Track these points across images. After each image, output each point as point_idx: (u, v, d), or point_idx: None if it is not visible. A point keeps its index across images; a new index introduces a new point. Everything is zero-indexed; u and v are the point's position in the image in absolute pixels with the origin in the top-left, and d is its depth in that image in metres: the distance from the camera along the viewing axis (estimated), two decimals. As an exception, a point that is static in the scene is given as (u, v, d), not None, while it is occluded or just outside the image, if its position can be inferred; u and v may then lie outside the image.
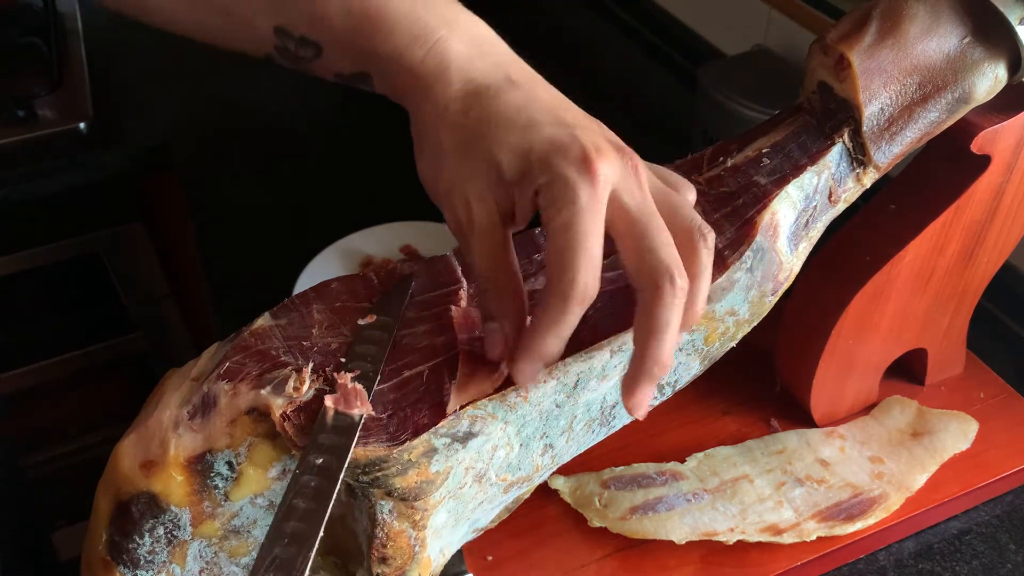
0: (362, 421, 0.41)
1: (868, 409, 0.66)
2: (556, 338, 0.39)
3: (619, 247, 0.40)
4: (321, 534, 0.37)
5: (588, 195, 0.38)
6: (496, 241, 0.40)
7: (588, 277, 0.38)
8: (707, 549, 0.57)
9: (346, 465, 0.39)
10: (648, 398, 0.40)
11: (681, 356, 0.48)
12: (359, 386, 0.42)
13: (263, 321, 0.45)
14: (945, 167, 0.56)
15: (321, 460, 0.39)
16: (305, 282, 0.79)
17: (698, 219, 0.41)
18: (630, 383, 0.39)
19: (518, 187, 0.40)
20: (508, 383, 0.43)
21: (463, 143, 0.41)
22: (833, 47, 0.49)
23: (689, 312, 0.40)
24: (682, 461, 0.61)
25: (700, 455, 0.61)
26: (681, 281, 0.38)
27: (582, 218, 0.37)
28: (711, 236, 0.40)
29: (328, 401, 0.41)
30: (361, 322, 0.45)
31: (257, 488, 0.42)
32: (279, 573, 0.35)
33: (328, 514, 0.37)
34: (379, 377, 0.43)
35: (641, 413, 0.40)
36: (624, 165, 0.39)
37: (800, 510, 0.58)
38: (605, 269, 0.48)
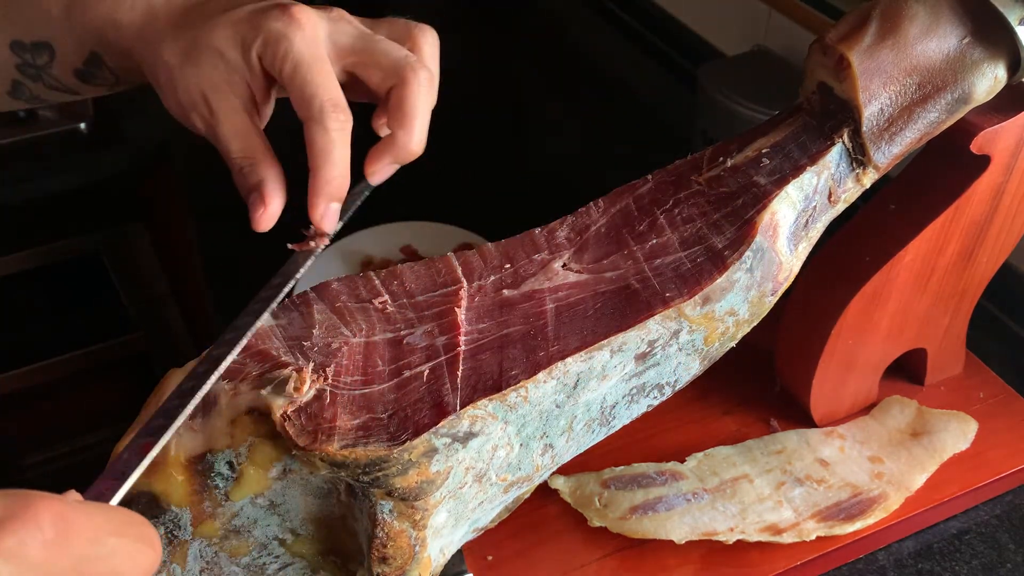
0: (316, 253, 0.46)
1: (868, 409, 0.66)
2: (332, 165, 0.43)
3: (360, 74, 0.45)
4: (250, 333, 0.41)
5: (300, 35, 0.42)
6: (240, 122, 0.44)
7: (331, 92, 0.43)
8: (707, 549, 0.57)
9: (292, 283, 0.44)
10: (388, 174, 0.47)
11: (681, 356, 0.48)
12: (323, 238, 0.46)
13: (263, 321, 0.45)
14: (945, 167, 0.56)
15: (276, 280, 0.44)
16: (305, 282, 0.78)
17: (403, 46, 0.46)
18: (378, 154, 0.45)
19: (245, 63, 0.44)
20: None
21: (185, 53, 0.45)
22: (833, 47, 0.49)
23: (434, 96, 0.46)
24: (682, 461, 0.61)
25: (700, 455, 0.61)
26: (423, 69, 0.44)
27: (304, 51, 0.42)
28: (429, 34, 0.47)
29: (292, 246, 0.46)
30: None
31: (258, 488, 0.42)
32: (208, 364, 0.40)
33: (262, 319, 0.42)
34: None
35: (376, 180, 0.47)
36: (327, 11, 0.45)
37: (800, 510, 0.58)
38: (604, 269, 0.48)
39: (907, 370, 0.68)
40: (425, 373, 0.44)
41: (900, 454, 0.61)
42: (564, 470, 0.59)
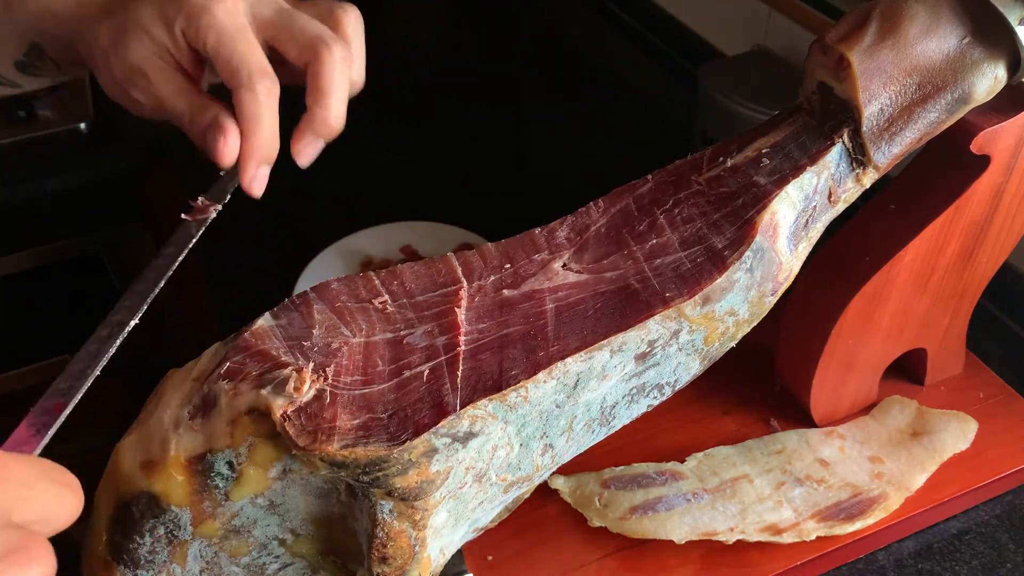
0: (208, 220, 0.47)
1: (868, 409, 0.66)
2: (262, 129, 0.45)
3: (279, 48, 0.46)
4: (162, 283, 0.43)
5: (221, 7, 0.44)
6: (179, 81, 0.46)
7: (257, 58, 0.44)
8: (707, 549, 0.57)
9: (187, 249, 0.45)
10: (314, 154, 0.48)
11: (681, 356, 0.48)
12: (214, 207, 0.47)
13: (263, 321, 0.45)
14: (945, 167, 0.56)
15: (171, 249, 0.46)
16: (305, 282, 0.79)
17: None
18: (299, 134, 0.47)
19: (170, 39, 0.45)
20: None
21: (115, 34, 0.46)
22: (833, 47, 0.49)
23: (355, 71, 0.47)
24: (682, 461, 0.61)
25: (700, 455, 0.61)
26: (338, 45, 0.45)
27: (225, 22, 0.43)
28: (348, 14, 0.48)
29: (185, 216, 0.48)
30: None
31: (258, 488, 0.42)
32: (111, 328, 0.41)
33: (159, 286, 0.43)
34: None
35: (303, 162, 0.48)
36: None
37: (800, 510, 0.58)
38: (605, 269, 0.48)
39: (907, 370, 0.68)
40: (425, 373, 0.44)
41: (900, 454, 0.61)
42: (564, 470, 0.59)
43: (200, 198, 0.46)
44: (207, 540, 0.43)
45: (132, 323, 0.41)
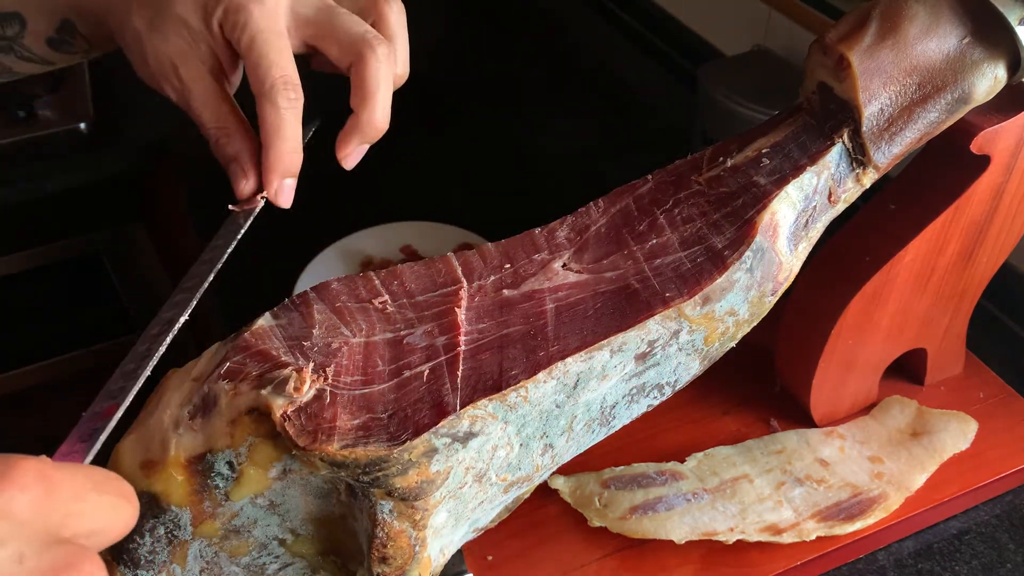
0: (256, 211, 0.46)
1: (868, 409, 0.66)
2: (282, 140, 0.44)
3: (320, 47, 0.45)
4: (205, 286, 0.43)
5: (259, 7, 0.43)
6: (210, 90, 0.45)
7: (284, 69, 0.43)
8: (707, 549, 0.57)
9: (236, 240, 0.44)
10: (359, 156, 0.47)
11: (681, 356, 0.48)
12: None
13: (263, 321, 0.45)
14: (945, 167, 0.56)
15: (220, 241, 0.45)
16: (305, 282, 0.79)
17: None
18: (346, 138, 0.46)
19: (207, 31, 0.44)
20: None
21: (152, 21, 0.45)
22: (833, 47, 0.49)
23: (400, 65, 0.47)
24: (682, 461, 0.61)
25: (700, 455, 0.61)
26: (381, 45, 0.44)
27: (261, 25, 0.43)
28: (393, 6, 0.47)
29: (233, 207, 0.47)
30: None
31: (258, 488, 0.42)
32: (161, 326, 0.41)
33: (207, 281, 0.43)
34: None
35: (349, 164, 0.47)
36: None
37: (800, 510, 0.58)
38: (604, 269, 0.48)
39: (907, 370, 0.68)
40: (425, 373, 0.44)
41: (900, 454, 0.61)
42: (564, 470, 0.59)
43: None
44: (207, 540, 0.43)
45: (182, 319, 0.40)
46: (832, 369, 0.62)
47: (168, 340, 0.39)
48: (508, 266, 0.49)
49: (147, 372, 0.38)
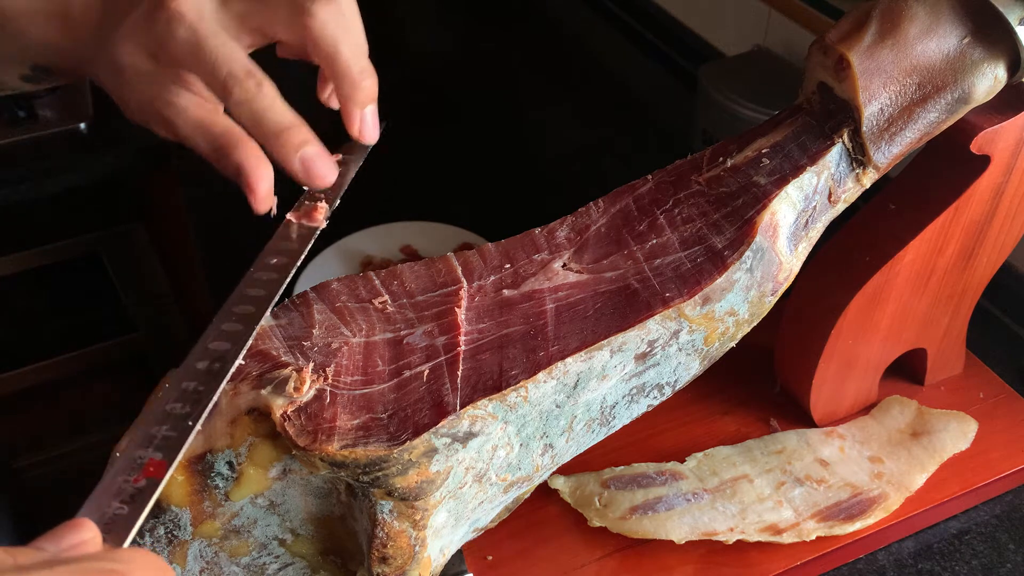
0: (318, 232, 0.43)
1: (868, 409, 0.66)
2: (262, 128, 0.40)
3: (268, 34, 0.42)
4: (265, 316, 0.39)
5: (181, 27, 0.40)
6: (195, 117, 0.42)
7: (231, 64, 0.40)
8: (707, 549, 0.57)
9: (298, 264, 0.41)
10: (372, 122, 0.43)
11: (681, 356, 0.48)
12: (322, 203, 0.44)
13: (263, 321, 0.45)
14: (945, 167, 0.56)
15: (275, 260, 0.41)
16: (305, 282, 0.79)
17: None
18: (345, 119, 0.43)
19: (155, 63, 0.42)
20: None
21: (115, 73, 0.43)
22: (833, 47, 0.49)
23: (348, 20, 0.42)
24: (682, 461, 0.61)
25: (700, 455, 0.61)
26: (317, 5, 0.41)
27: (190, 39, 0.40)
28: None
29: (290, 216, 0.43)
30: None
31: (257, 488, 0.42)
32: (226, 341, 0.37)
33: (274, 301, 0.39)
34: (338, 201, 0.45)
35: (367, 134, 0.43)
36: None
37: (800, 510, 0.58)
38: (604, 269, 0.48)
39: (907, 370, 0.68)
40: (425, 373, 0.44)
41: (900, 454, 0.61)
42: (564, 470, 0.59)
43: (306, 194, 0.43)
44: (207, 540, 0.43)
45: (239, 359, 0.37)
46: (832, 369, 0.62)
47: (224, 382, 0.35)
48: (508, 266, 0.49)
49: (204, 415, 0.34)
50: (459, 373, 0.44)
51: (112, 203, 1.11)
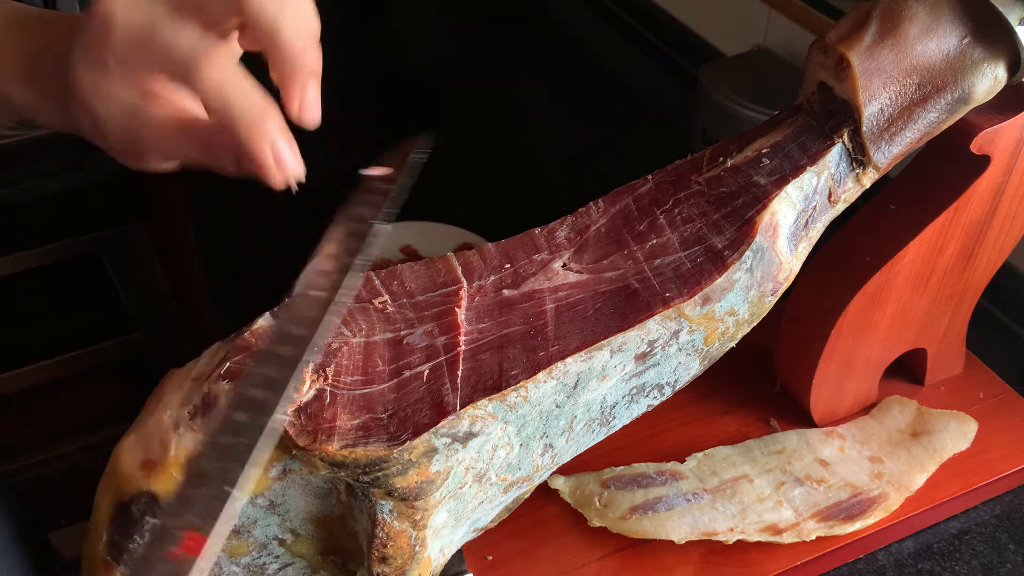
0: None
1: (868, 409, 0.66)
2: (228, 107, 0.37)
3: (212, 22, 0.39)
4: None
5: (115, 34, 0.37)
6: (172, 137, 0.40)
7: (173, 52, 0.37)
8: (707, 549, 0.57)
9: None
10: (312, 102, 0.39)
11: (681, 356, 0.48)
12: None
13: (263, 321, 0.45)
14: (945, 167, 0.56)
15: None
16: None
17: None
18: (285, 96, 0.38)
19: (128, 110, 0.40)
20: None
21: (84, 114, 0.41)
22: (833, 47, 0.49)
23: None
24: (682, 461, 0.61)
25: (700, 455, 0.61)
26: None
27: (128, 38, 0.38)
28: None
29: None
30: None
31: (258, 488, 0.42)
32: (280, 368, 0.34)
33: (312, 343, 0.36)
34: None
35: (308, 116, 0.39)
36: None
37: (800, 510, 0.58)
38: (604, 269, 0.48)
39: (907, 370, 0.68)
40: (425, 373, 0.44)
41: (900, 454, 0.61)
42: (564, 470, 0.59)
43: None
44: (207, 540, 0.43)
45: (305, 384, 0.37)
46: (832, 369, 0.62)
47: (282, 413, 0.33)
48: (508, 266, 0.49)
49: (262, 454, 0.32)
50: (459, 373, 0.44)
51: (112, 203, 1.11)
